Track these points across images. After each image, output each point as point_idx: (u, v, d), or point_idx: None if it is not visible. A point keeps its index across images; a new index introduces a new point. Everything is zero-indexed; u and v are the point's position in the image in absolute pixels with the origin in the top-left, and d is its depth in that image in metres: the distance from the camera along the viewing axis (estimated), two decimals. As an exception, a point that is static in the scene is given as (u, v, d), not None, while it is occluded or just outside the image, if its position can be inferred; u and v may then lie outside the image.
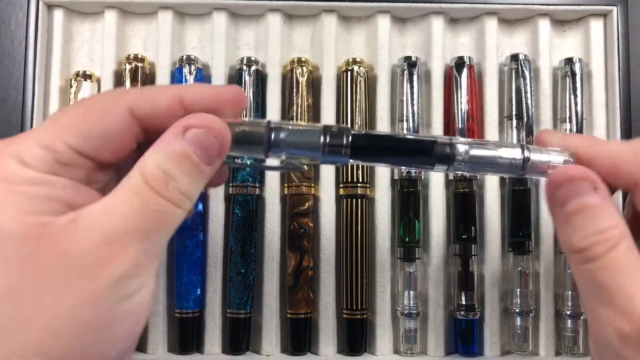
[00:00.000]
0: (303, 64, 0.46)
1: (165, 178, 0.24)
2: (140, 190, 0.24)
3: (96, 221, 0.23)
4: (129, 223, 0.23)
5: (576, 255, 0.26)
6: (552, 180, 0.28)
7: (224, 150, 0.26)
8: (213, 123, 0.25)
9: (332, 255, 0.45)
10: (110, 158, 0.25)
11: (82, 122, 0.24)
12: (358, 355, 0.45)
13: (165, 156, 0.24)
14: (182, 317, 0.44)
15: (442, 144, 0.29)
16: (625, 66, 0.46)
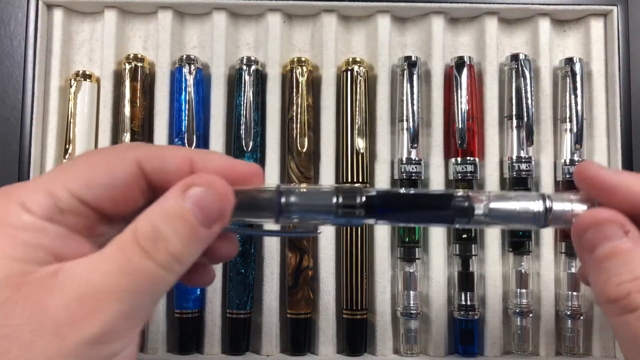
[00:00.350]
0: (303, 63, 0.46)
1: (155, 236, 0.22)
2: (126, 247, 0.22)
3: (76, 276, 0.21)
4: (108, 281, 0.21)
5: (612, 305, 0.24)
6: (579, 225, 0.26)
7: (225, 214, 0.24)
8: (216, 183, 0.24)
9: (332, 255, 0.45)
10: (114, 210, 0.24)
11: (88, 170, 0.24)
12: (358, 355, 0.45)
13: (159, 212, 0.23)
14: (182, 317, 0.44)
15: (459, 198, 0.28)
16: (626, 66, 0.46)
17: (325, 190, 0.27)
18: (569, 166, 0.45)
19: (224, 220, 0.24)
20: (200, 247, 0.24)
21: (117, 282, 0.21)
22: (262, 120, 0.46)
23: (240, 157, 0.45)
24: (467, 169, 0.45)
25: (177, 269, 0.23)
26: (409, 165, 0.45)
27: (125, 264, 0.22)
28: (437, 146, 0.46)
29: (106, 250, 0.22)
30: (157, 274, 0.22)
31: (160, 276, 0.22)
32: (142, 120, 0.45)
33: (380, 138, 0.46)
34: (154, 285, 0.22)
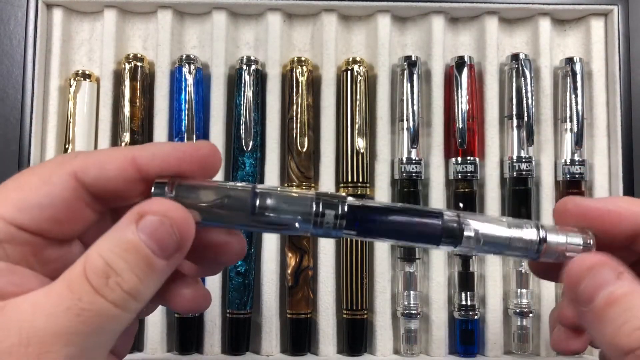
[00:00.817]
0: (303, 63, 0.46)
1: (106, 271, 0.20)
2: (74, 284, 0.20)
3: (18, 317, 0.19)
4: (53, 322, 0.19)
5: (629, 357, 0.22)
6: (571, 277, 0.24)
7: (184, 244, 0.22)
8: (172, 211, 0.21)
9: (332, 255, 0.45)
10: (60, 231, 0.22)
11: (19, 192, 0.22)
12: (358, 355, 0.44)
13: (111, 245, 0.20)
14: (181, 317, 0.44)
15: (449, 219, 0.26)
16: (626, 65, 0.45)
17: (303, 196, 0.25)
18: (569, 166, 0.45)
19: (183, 250, 0.22)
20: (159, 280, 0.22)
21: (65, 324, 0.19)
22: (262, 120, 0.46)
23: (240, 157, 0.45)
24: (468, 169, 0.45)
25: (133, 306, 0.21)
26: (409, 165, 0.45)
27: (72, 304, 0.19)
28: (438, 146, 0.46)
29: (53, 287, 0.20)
30: (109, 313, 0.20)
31: (114, 315, 0.20)
32: (142, 120, 0.45)
33: (381, 138, 0.46)
34: (107, 324, 0.20)
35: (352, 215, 0.25)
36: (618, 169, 0.45)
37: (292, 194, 0.25)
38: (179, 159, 0.23)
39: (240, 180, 0.44)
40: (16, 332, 0.19)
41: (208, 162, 0.24)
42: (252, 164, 0.45)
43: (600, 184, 0.46)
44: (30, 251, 0.22)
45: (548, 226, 0.27)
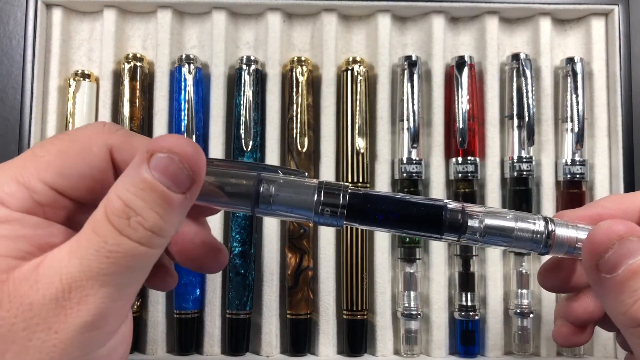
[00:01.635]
0: (303, 63, 0.46)
1: (127, 212, 0.20)
2: (99, 228, 0.21)
3: (56, 267, 0.20)
4: (87, 266, 0.20)
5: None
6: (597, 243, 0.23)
7: (197, 177, 0.22)
8: (179, 146, 0.21)
9: (332, 255, 0.45)
10: (92, 198, 0.23)
11: (62, 158, 0.23)
12: (358, 356, 0.44)
13: (127, 186, 0.21)
14: (181, 317, 0.44)
15: (452, 210, 0.26)
16: (627, 65, 0.45)
17: (307, 184, 0.25)
18: (570, 166, 0.45)
19: (198, 182, 0.22)
20: (181, 214, 0.22)
21: (97, 267, 0.20)
22: (262, 120, 0.46)
23: (240, 157, 0.45)
24: (468, 169, 0.45)
25: (157, 242, 0.21)
26: (409, 165, 0.45)
27: (100, 246, 0.20)
28: (438, 146, 0.46)
29: (81, 234, 0.21)
30: (136, 252, 0.21)
31: (141, 252, 0.21)
32: (142, 119, 0.45)
33: (381, 138, 0.45)
34: (135, 263, 0.21)
35: (355, 204, 0.25)
36: (619, 168, 0.45)
37: (296, 181, 0.26)
38: None
39: (240, 180, 0.44)
40: (57, 280, 0.20)
41: None
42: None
43: (601, 184, 0.46)
44: (65, 214, 0.23)
45: (558, 220, 0.26)
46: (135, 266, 0.21)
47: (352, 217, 0.25)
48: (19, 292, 0.20)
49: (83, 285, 0.20)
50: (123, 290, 0.21)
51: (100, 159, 0.23)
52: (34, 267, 0.21)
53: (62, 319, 0.20)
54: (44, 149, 0.23)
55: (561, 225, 0.26)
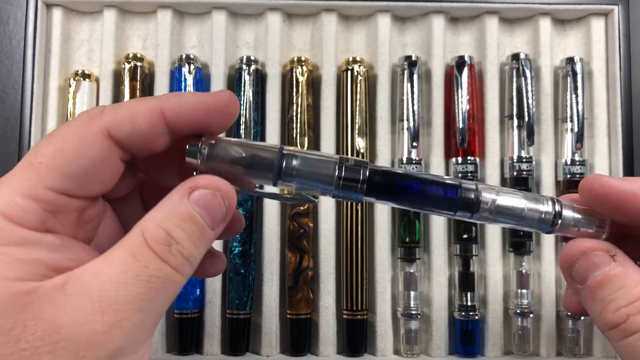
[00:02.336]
0: (303, 63, 0.46)
1: (168, 240, 0.21)
2: (139, 252, 0.21)
3: (87, 287, 0.20)
4: (125, 290, 0.20)
5: (613, 332, 0.25)
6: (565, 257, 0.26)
7: (230, 214, 0.24)
8: (221, 185, 0.23)
9: (332, 255, 0.45)
10: (102, 190, 0.23)
11: (61, 158, 0.22)
12: (358, 356, 0.44)
13: (169, 216, 0.22)
14: (181, 317, 0.44)
15: (467, 189, 0.27)
16: (627, 65, 0.45)
17: (328, 159, 0.26)
18: (569, 166, 0.45)
19: (227, 220, 0.24)
20: (207, 247, 0.23)
21: (136, 291, 0.20)
22: (262, 119, 0.46)
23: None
24: (468, 169, 0.45)
25: (189, 270, 0.22)
26: (409, 165, 0.45)
27: (140, 271, 0.21)
28: (438, 146, 0.46)
29: (115, 257, 0.21)
30: (173, 279, 0.21)
31: (176, 280, 0.22)
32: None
33: (381, 138, 0.45)
34: (170, 289, 0.22)
35: (374, 180, 0.27)
36: (619, 168, 0.45)
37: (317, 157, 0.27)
38: (204, 111, 0.24)
39: (240, 180, 0.44)
40: (88, 302, 0.20)
41: (229, 112, 0.25)
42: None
43: (600, 184, 0.46)
44: (76, 216, 0.23)
45: (564, 202, 0.28)
46: (168, 293, 0.22)
47: (371, 193, 0.27)
48: (44, 314, 0.19)
49: (119, 309, 0.20)
50: (153, 318, 0.21)
51: (99, 148, 0.22)
52: (58, 287, 0.20)
53: (93, 343, 0.20)
54: (39, 153, 0.22)
55: (568, 208, 0.27)
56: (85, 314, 0.20)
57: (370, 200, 0.28)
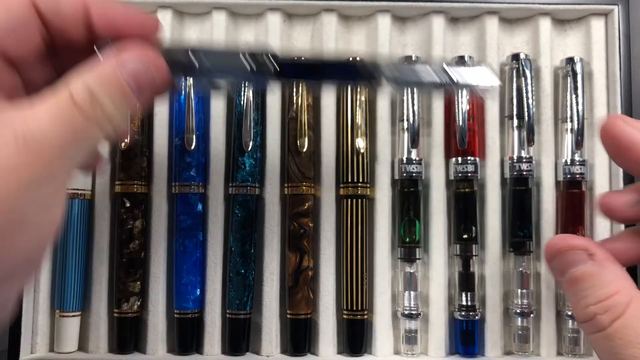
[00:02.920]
0: (303, 63, 0.46)
1: (92, 99, 0.24)
2: (65, 107, 0.23)
3: (18, 128, 0.22)
4: (50, 136, 0.22)
5: (584, 325, 0.27)
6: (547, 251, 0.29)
7: (158, 82, 0.26)
8: (151, 55, 0.26)
9: (332, 255, 0.45)
10: (16, 52, 0.25)
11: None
12: (358, 356, 0.44)
13: (95, 78, 0.24)
14: (181, 317, 0.44)
15: (367, 64, 0.32)
16: (627, 65, 0.45)
17: (235, 51, 0.29)
18: (569, 166, 0.45)
19: (155, 88, 0.26)
20: (128, 111, 0.26)
21: (58, 137, 0.23)
22: (262, 120, 0.46)
23: (240, 158, 0.45)
24: (468, 169, 0.45)
25: (109, 129, 0.25)
26: (409, 165, 0.45)
27: (65, 122, 0.23)
28: (438, 146, 0.46)
29: (44, 107, 0.23)
30: (92, 134, 0.24)
31: (94, 134, 0.24)
32: (142, 120, 0.45)
33: (381, 138, 0.46)
34: (87, 142, 0.24)
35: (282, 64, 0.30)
36: (618, 168, 0.45)
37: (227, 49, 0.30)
38: (126, 24, 0.27)
39: (240, 180, 0.44)
40: (12, 141, 0.22)
41: (148, 30, 0.28)
42: (252, 164, 0.45)
43: (600, 184, 0.46)
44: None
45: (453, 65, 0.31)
46: (85, 145, 0.24)
47: (282, 75, 0.30)
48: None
49: (43, 149, 0.22)
50: (70, 163, 0.24)
51: (22, 9, 0.24)
52: None
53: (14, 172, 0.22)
54: None
55: (455, 70, 0.31)
56: (10, 152, 0.22)
57: (282, 81, 0.31)
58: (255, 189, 0.45)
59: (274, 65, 0.29)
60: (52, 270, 0.45)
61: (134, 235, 0.44)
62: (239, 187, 0.44)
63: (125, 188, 0.44)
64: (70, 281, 0.44)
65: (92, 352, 0.44)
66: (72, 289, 0.44)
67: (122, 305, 0.44)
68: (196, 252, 0.44)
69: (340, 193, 0.45)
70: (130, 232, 0.44)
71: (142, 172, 0.45)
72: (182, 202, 0.45)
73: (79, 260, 0.44)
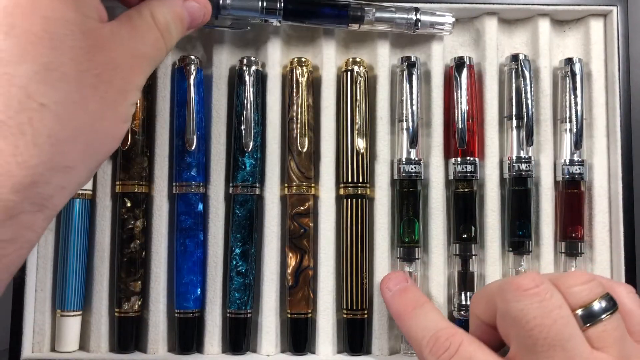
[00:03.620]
0: (303, 64, 0.46)
1: (168, 28, 0.32)
2: (153, 30, 0.31)
3: (126, 42, 0.29)
4: (146, 51, 0.30)
5: None
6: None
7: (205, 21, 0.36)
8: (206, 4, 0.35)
9: (332, 255, 0.45)
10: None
11: None
12: (358, 355, 0.45)
13: (170, 13, 0.32)
14: (182, 317, 0.44)
15: (354, 7, 0.43)
16: (625, 66, 0.46)
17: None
18: (568, 166, 0.45)
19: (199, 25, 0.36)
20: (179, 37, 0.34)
21: (150, 52, 0.31)
22: (262, 120, 0.46)
23: (240, 158, 0.45)
24: (467, 169, 0.45)
25: (168, 50, 0.33)
26: (408, 165, 0.45)
27: (154, 41, 0.31)
28: (437, 146, 0.46)
29: (137, 26, 0.30)
30: (165, 52, 0.32)
31: (165, 54, 0.33)
32: (143, 120, 0.45)
33: (380, 138, 0.46)
34: (160, 58, 0.33)
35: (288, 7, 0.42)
36: (617, 168, 0.45)
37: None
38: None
39: (241, 180, 0.45)
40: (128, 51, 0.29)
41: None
42: (252, 164, 0.45)
43: (599, 184, 0.46)
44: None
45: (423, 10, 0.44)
46: (159, 60, 0.33)
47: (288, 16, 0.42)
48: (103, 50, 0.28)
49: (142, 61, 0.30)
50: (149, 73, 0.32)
51: None
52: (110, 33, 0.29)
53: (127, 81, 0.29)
54: None
55: (425, 14, 0.44)
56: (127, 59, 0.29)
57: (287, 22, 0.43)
58: (255, 189, 0.45)
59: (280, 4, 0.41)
60: (53, 269, 0.45)
61: (134, 235, 0.44)
62: (240, 187, 0.45)
63: (126, 188, 0.44)
64: (71, 281, 0.44)
65: (93, 351, 0.44)
66: (73, 289, 0.44)
67: (123, 304, 0.44)
68: (197, 251, 0.45)
69: (340, 193, 0.46)
70: (131, 231, 0.44)
71: (143, 172, 0.45)
72: (183, 202, 0.45)
73: (80, 259, 0.44)
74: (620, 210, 0.44)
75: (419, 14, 0.43)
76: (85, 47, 0.27)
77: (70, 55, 0.26)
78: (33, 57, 0.25)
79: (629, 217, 0.44)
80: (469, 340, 0.32)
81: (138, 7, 0.31)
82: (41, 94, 0.25)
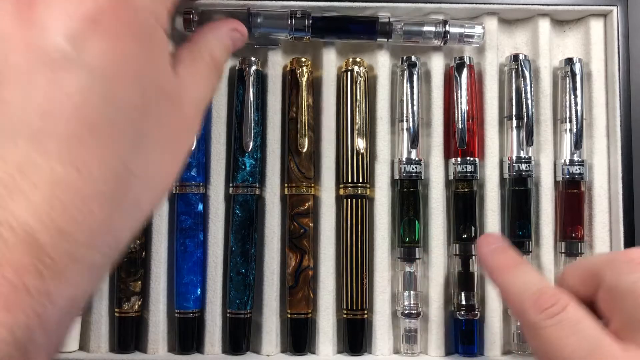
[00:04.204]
0: (303, 64, 0.46)
1: (223, 62, 0.33)
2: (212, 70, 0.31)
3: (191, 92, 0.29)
4: (207, 94, 0.31)
5: None
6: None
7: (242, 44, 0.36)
8: (244, 31, 0.36)
9: (332, 255, 0.45)
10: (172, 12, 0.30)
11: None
12: (358, 355, 0.45)
13: (224, 49, 0.33)
14: (182, 317, 0.44)
15: (382, 23, 0.43)
16: (625, 66, 0.46)
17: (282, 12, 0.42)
18: (568, 166, 0.45)
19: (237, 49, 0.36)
20: None
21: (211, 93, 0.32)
22: (262, 120, 0.46)
23: (240, 158, 0.45)
24: (467, 169, 0.45)
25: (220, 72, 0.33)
26: (409, 165, 0.45)
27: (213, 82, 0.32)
28: (437, 146, 0.46)
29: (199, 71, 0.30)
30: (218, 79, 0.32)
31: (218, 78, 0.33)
32: (143, 120, 0.45)
33: (380, 138, 0.46)
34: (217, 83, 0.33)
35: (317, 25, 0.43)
36: (617, 169, 0.45)
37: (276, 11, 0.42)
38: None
39: (241, 180, 0.45)
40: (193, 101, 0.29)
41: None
42: (252, 164, 0.45)
43: (599, 184, 0.46)
44: None
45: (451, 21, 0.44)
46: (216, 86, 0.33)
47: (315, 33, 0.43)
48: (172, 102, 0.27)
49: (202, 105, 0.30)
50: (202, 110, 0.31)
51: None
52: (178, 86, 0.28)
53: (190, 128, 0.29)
54: None
55: (454, 26, 0.43)
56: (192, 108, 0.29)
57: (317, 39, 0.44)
58: (255, 189, 0.45)
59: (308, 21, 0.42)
60: (53, 269, 0.45)
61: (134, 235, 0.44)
62: (240, 187, 0.45)
63: (126, 188, 0.44)
64: (71, 281, 0.44)
65: (93, 351, 0.44)
66: (73, 289, 0.44)
67: (123, 304, 0.44)
68: (197, 251, 0.45)
69: (340, 193, 0.46)
70: (131, 231, 0.44)
71: (143, 172, 0.45)
72: (183, 202, 0.45)
73: (80, 259, 0.44)
74: (620, 211, 0.44)
75: (448, 25, 0.43)
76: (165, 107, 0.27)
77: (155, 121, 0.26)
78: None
79: (629, 217, 0.44)
80: (576, 305, 0.30)
81: (199, 48, 0.31)
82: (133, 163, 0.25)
